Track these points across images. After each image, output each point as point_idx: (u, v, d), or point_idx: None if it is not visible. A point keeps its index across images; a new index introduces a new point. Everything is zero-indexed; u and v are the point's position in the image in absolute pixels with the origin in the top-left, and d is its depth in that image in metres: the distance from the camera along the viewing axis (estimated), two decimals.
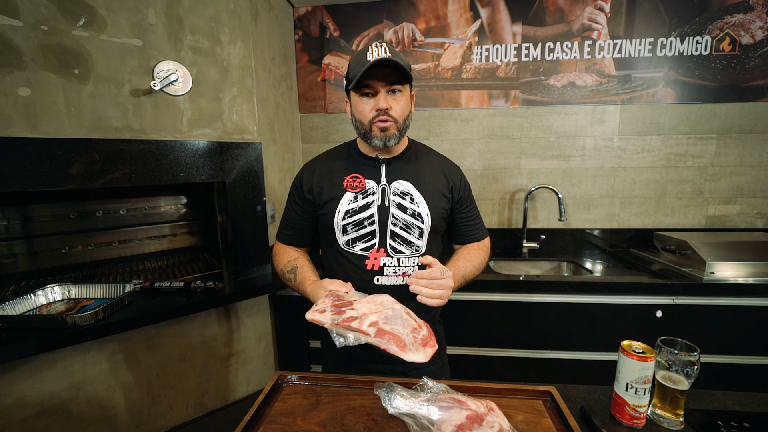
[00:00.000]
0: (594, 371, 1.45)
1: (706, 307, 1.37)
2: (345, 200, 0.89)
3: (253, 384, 1.53)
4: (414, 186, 0.90)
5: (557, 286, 1.41)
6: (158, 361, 1.28)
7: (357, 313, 0.67)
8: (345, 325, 0.65)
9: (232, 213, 1.42)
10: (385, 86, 0.82)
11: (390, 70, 0.80)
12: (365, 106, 0.84)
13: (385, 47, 0.81)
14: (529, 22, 1.80)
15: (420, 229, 0.90)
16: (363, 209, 0.89)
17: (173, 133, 1.26)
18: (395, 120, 0.84)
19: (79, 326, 1.03)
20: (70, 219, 1.56)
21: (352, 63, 0.85)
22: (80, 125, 1.10)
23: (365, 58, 0.80)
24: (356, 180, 0.90)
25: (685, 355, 0.63)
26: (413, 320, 0.68)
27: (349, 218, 0.89)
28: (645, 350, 0.63)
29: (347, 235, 0.90)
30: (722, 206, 1.84)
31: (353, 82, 0.81)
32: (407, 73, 0.81)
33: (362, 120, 0.85)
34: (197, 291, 1.29)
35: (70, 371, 1.11)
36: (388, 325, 0.64)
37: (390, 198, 0.89)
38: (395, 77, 0.82)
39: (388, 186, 0.90)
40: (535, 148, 1.89)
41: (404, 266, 0.89)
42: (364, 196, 0.89)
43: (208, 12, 1.29)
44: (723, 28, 1.71)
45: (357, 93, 0.84)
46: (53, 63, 1.04)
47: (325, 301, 0.73)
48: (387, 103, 0.82)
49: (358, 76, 0.79)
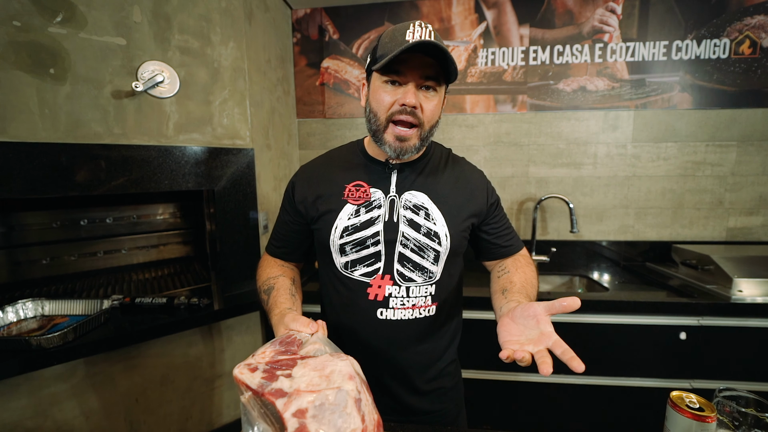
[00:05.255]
0: (610, 397, 1.33)
1: (735, 329, 1.25)
2: (344, 214, 0.74)
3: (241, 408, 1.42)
4: (430, 198, 0.74)
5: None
6: (137, 383, 1.18)
7: (290, 385, 0.47)
8: (268, 398, 0.46)
9: (221, 223, 1.33)
10: (419, 78, 0.66)
11: (431, 60, 0.64)
12: (388, 95, 0.67)
13: (430, 30, 0.64)
14: (537, 24, 1.72)
15: (436, 252, 0.73)
16: (366, 226, 0.73)
17: (158, 138, 1.18)
18: (420, 124, 0.68)
19: (45, 349, 0.93)
20: (53, 228, 1.48)
21: (385, 39, 0.67)
22: (55, 129, 1.02)
23: (403, 36, 0.63)
24: (360, 189, 0.75)
25: (754, 411, 0.51)
26: (358, 416, 0.46)
27: (348, 236, 0.73)
28: (702, 406, 0.51)
29: (346, 257, 0.74)
30: (744, 217, 1.73)
31: (381, 61, 0.64)
32: (452, 69, 0.64)
33: (378, 112, 0.69)
34: (180, 308, 1.19)
35: (36, 396, 1.01)
36: (317, 421, 0.44)
37: (400, 212, 0.73)
38: (434, 70, 0.65)
39: (398, 198, 0.74)
40: (543, 155, 1.79)
41: (414, 297, 0.73)
42: (368, 209, 0.74)
43: (198, 10, 1.22)
44: (742, 30, 1.62)
45: (381, 77, 0.67)
46: (26, 61, 0.96)
47: (266, 351, 0.54)
48: (416, 99, 0.66)
49: (390, 55, 0.61)
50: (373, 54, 0.70)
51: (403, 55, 0.63)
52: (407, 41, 0.62)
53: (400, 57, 0.63)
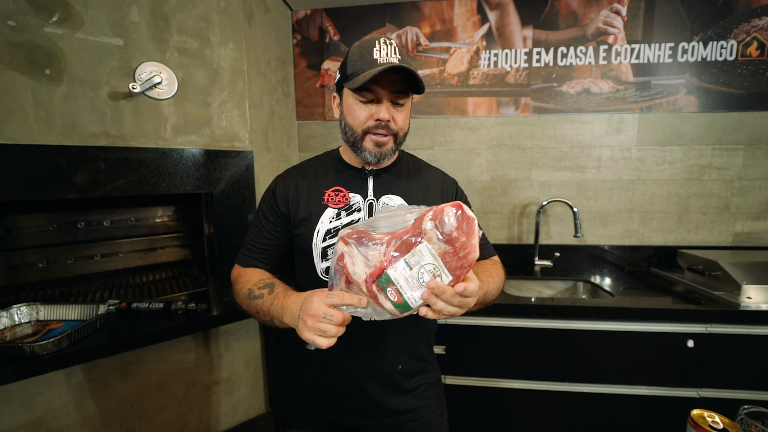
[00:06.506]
0: (615, 406, 1.30)
1: (744, 337, 1.22)
2: (326, 217, 0.76)
3: (239, 414, 1.39)
4: (405, 201, 0.79)
5: (575, 311, 1.27)
6: (133, 390, 1.16)
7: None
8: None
9: (219, 226, 1.31)
10: (390, 95, 0.71)
11: (399, 77, 0.69)
12: (362, 111, 0.72)
13: (394, 47, 0.70)
14: (541, 25, 1.70)
15: None
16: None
17: (155, 140, 1.16)
18: (395, 134, 0.74)
19: (38, 356, 0.91)
20: (50, 231, 1.46)
21: (353, 56, 0.71)
22: (50, 130, 1.00)
23: (371, 55, 0.69)
24: (339, 194, 0.78)
25: None
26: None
27: (330, 239, 0.75)
28: (727, 427, 0.49)
29: (327, 261, 0.76)
30: (751, 222, 1.70)
31: (354, 82, 0.68)
32: (419, 85, 0.70)
33: (354, 126, 0.74)
34: (178, 313, 1.17)
35: (30, 404, 0.99)
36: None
37: None
38: (403, 86, 0.71)
39: (375, 201, 0.78)
40: (547, 158, 1.77)
41: None
42: (348, 212, 0.77)
43: (197, 11, 1.20)
44: (750, 31, 1.59)
45: (354, 94, 0.72)
46: (21, 62, 0.94)
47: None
48: (389, 114, 0.71)
49: (363, 80, 0.66)
50: (342, 70, 0.74)
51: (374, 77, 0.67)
52: (376, 61, 0.68)
53: (372, 79, 0.67)
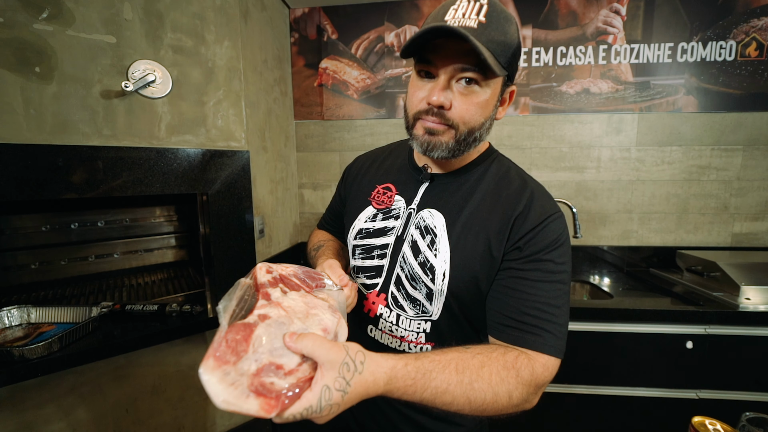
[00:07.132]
0: (614, 407, 1.29)
1: (743, 338, 1.22)
2: (364, 215, 0.69)
3: (236, 417, 1.38)
4: (446, 223, 0.60)
5: (574, 312, 1.26)
6: (127, 394, 1.14)
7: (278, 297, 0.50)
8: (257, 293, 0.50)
9: (215, 227, 1.29)
10: (452, 70, 0.52)
11: (471, 47, 0.48)
12: (418, 90, 0.56)
13: (481, 4, 0.50)
14: (540, 25, 1.69)
15: (428, 289, 0.60)
16: (378, 234, 0.66)
17: (149, 140, 1.14)
18: (453, 125, 0.55)
19: (28, 360, 0.89)
20: (42, 231, 1.43)
21: (431, 15, 0.56)
22: (41, 129, 0.98)
23: (445, 13, 0.52)
24: (387, 193, 0.67)
25: None
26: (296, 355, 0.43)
27: (361, 239, 0.68)
28: None
29: (355, 260, 0.70)
30: (750, 223, 1.70)
31: (408, 48, 0.53)
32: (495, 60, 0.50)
33: (408, 109, 0.58)
34: (172, 315, 1.15)
35: (19, 408, 0.97)
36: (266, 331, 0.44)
37: (410, 230, 0.63)
38: (474, 59, 0.50)
39: (414, 212, 0.64)
40: (546, 158, 1.76)
41: (403, 328, 0.63)
42: (386, 217, 0.66)
43: (191, 8, 1.18)
44: (749, 32, 1.59)
45: (417, 65, 0.56)
46: (9, 59, 0.92)
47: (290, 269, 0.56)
48: (444, 98, 0.53)
49: (409, 44, 0.51)
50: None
51: (437, 40, 0.50)
52: (444, 21, 0.50)
53: (426, 43, 0.51)
